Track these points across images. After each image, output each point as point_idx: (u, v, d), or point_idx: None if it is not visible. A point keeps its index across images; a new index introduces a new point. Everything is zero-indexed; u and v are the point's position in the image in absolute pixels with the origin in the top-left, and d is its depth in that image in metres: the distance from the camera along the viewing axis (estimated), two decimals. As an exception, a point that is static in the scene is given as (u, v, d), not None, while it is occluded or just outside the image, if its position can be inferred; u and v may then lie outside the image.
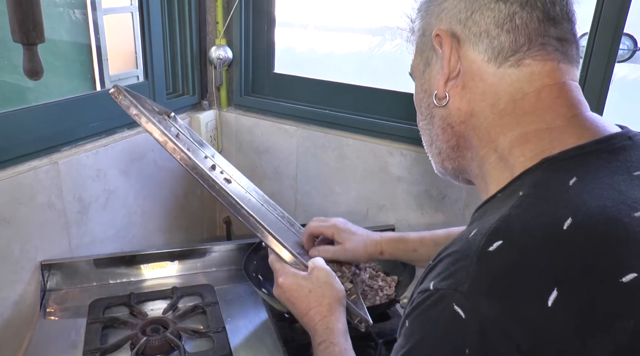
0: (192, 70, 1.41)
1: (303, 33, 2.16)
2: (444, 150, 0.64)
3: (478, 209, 0.58)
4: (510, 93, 0.56)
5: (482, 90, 0.58)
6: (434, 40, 0.60)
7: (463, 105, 0.59)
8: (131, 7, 2.06)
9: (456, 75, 0.59)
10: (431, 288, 0.48)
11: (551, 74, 0.56)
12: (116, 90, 0.90)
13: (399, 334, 0.51)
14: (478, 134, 0.59)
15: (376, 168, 1.33)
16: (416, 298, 0.50)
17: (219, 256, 1.26)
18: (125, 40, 2.09)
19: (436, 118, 0.63)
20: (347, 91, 1.39)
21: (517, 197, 0.50)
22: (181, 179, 1.46)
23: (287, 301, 0.85)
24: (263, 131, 1.46)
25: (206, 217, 1.59)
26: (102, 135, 1.23)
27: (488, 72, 0.57)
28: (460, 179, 0.68)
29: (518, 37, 0.56)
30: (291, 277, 0.85)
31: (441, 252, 0.52)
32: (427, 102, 0.64)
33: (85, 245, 1.22)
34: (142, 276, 1.22)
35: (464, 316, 0.44)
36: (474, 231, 0.49)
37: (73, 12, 1.82)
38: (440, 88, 0.60)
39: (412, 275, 1.07)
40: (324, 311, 0.81)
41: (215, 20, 1.38)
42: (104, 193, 1.24)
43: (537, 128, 0.55)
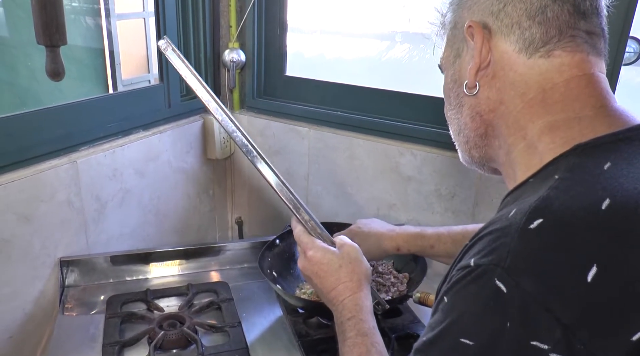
0: (205, 73, 1.44)
1: (312, 38, 2.20)
2: (471, 138, 0.67)
3: (509, 194, 0.60)
4: (539, 82, 0.59)
5: (512, 79, 0.60)
6: (466, 32, 0.62)
7: (492, 94, 0.62)
8: (143, 12, 2.10)
9: (487, 65, 0.61)
10: (472, 264, 0.50)
11: (580, 65, 0.58)
12: (165, 42, 0.88)
13: (435, 311, 0.53)
14: (507, 122, 0.61)
15: (387, 168, 1.35)
16: (455, 275, 0.51)
17: (233, 254, 1.29)
18: (137, 45, 2.12)
19: (465, 107, 0.66)
20: (358, 93, 1.42)
21: (553, 180, 0.52)
22: (194, 180, 1.48)
23: (314, 275, 0.85)
24: (275, 133, 1.49)
25: (218, 217, 1.61)
26: (118, 136, 1.26)
27: (519, 62, 0.60)
28: (486, 168, 0.70)
29: (549, 29, 0.58)
30: (321, 251, 0.85)
31: (479, 231, 0.53)
32: (457, 92, 0.67)
33: (101, 242, 1.25)
34: (157, 273, 1.24)
35: (505, 291, 0.46)
36: (513, 211, 0.51)
37: (87, 18, 1.86)
38: (471, 77, 0.63)
39: (423, 271, 1.08)
40: (354, 286, 0.82)
41: (229, 24, 1.41)
42: (120, 192, 1.26)
43: (566, 117, 0.57)
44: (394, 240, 1.02)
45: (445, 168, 1.27)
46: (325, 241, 0.88)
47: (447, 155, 1.26)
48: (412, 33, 2.28)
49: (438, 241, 1.00)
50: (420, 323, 1.07)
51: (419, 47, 2.36)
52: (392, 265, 1.18)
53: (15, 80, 1.59)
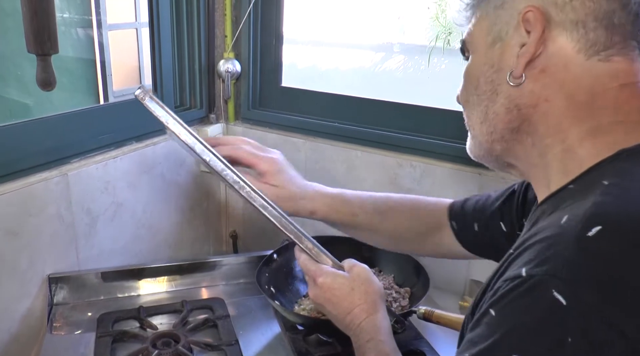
0: (200, 84, 1.41)
1: (305, 49, 2.18)
2: (499, 130, 0.62)
3: (546, 201, 0.57)
4: (591, 86, 0.56)
5: (563, 78, 0.57)
6: (522, 17, 0.57)
7: (538, 88, 0.58)
8: (136, 23, 2.07)
9: (537, 56, 0.57)
10: (523, 274, 0.46)
11: (635, 74, 0.56)
12: (142, 91, 0.85)
13: (476, 324, 0.50)
14: (547, 122, 0.58)
15: (385, 180, 1.32)
16: (503, 286, 0.48)
17: (229, 269, 1.25)
18: (129, 56, 2.09)
19: (501, 96, 0.60)
20: (355, 104, 1.40)
21: (601, 186, 0.49)
22: (188, 193, 1.45)
23: (327, 301, 0.82)
24: (271, 144, 1.44)
25: (212, 231, 1.58)
26: (111, 147, 1.22)
27: (575, 62, 0.56)
28: (500, 163, 0.66)
29: (614, 36, 0.56)
30: (331, 276, 0.82)
31: (526, 239, 0.50)
32: (492, 78, 0.61)
33: (92, 258, 1.21)
34: (150, 289, 1.20)
35: (564, 303, 0.43)
36: (565, 217, 0.48)
37: (79, 28, 1.83)
38: (520, 66, 0.58)
39: (426, 286, 1.06)
40: (370, 308, 0.79)
41: (224, 34, 1.39)
42: (112, 205, 1.23)
43: (609, 122, 0.55)
44: (312, 200, 0.92)
45: (445, 179, 1.25)
46: (332, 266, 0.85)
47: (447, 166, 1.24)
48: (407, 44, 2.28)
49: (361, 209, 0.94)
50: (423, 339, 1.04)
51: (413, 59, 2.36)
52: (393, 280, 1.15)
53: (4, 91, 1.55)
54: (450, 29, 2.06)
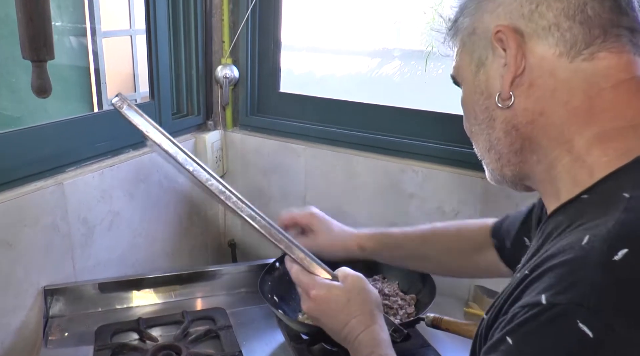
0: (197, 90, 1.39)
1: (301, 56, 2.17)
2: (505, 155, 0.60)
3: (556, 212, 0.54)
4: (584, 89, 0.53)
5: (553, 87, 0.54)
6: (494, 38, 0.56)
7: (530, 104, 0.55)
8: (130, 30, 2.05)
9: (521, 73, 0.55)
10: (544, 302, 0.43)
11: (628, 68, 0.53)
12: (120, 99, 0.81)
13: (491, 350, 0.46)
14: (549, 135, 0.55)
15: (387, 185, 1.31)
16: (521, 313, 0.45)
17: (230, 278, 1.23)
18: (123, 63, 2.07)
19: (498, 121, 0.59)
20: (355, 109, 1.38)
21: (622, 199, 0.46)
22: (186, 201, 1.43)
23: (322, 314, 0.79)
24: (270, 151, 1.44)
25: (210, 239, 1.55)
26: (107, 155, 1.20)
27: (560, 67, 0.53)
28: (519, 186, 0.64)
29: (592, 29, 0.53)
30: (325, 288, 0.79)
31: (544, 260, 0.47)
32: (485, 105, 0.60)
33: (89, 269, 1.18)
34: (149, 300, 1.17)
35: (591, 335, 0.40)
36: (585, 238, 0.45)
37: (73, 35, 1.81)
38: (506, 88, 0.56)
39: (432, 292, 1.04)
40: (367, 320, 0.76)
41: (222, 40, 1.37)
42: (109, 214, 1.20)
43: (617, 126, 0.52)
44: (359, 237, 0.95)
45: (448, 184, 1.23)
46: (326, 276, 0.82)
47: (450, 170, 1.22)
48: (404, 49, 2.27)
49: (406, 239, 0.94)
50: (430, 347, 1.01)
51: (410, 64, 2.35)
52: (398, 286, 1.13)
53: (-4, 99, 1.53)
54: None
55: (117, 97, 0.81)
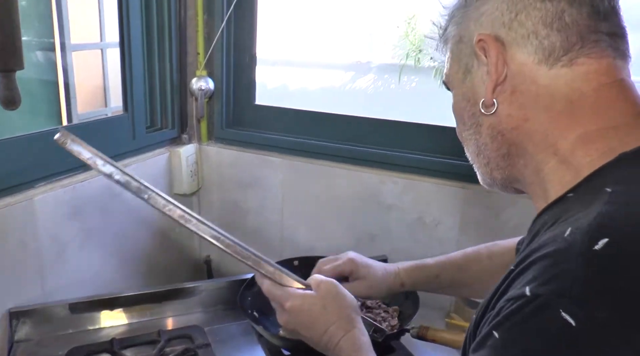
0: (172, 103, 1.36)
1: (275, 70, 2.16)
2: (492, 159, 0.62)
3: (544, 212, 0.55)
4: (566, 94, 0.54)
5: (535, 93, 0.56)
6: (476, 46, 0.58)
7: (514, 110, 0.57)
8: (101, 43, 2.01)
9: (503, 80, 0.57)
10: (527, 293, 0.43)
11: (608, 72, 0.55)
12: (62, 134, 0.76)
13: (479, 346, 0.46)
14: (533, 139, 0.57)
15: (366, 197, 1.29)
16: (507, 307, 0.45)
17: (207, 295, 1.19)
18: (94, 77, 2.03)
19: (484, 126, 0.61)
20: (332, 120, 1.37)
21: (604, 193, 0.47)
22: (161, 216, 1.38)
23: (300, 325, 0.77)
24: (246, 164, 1.42)
25: (185, 256, 1.51)
26: (79, 170, 1.16)
27: (540, 74, 0.55)
28: (509, 189, 0.66)
29: (569, 36, 0.54)
30: (299, 298, 0.77)
31: (528, 254, 0.47)
32: (472, 111, 0.62)
33: (60, 289, 1.13)
34: (123, 320, 1.13)
35: (574, 324, 0.40)
36: (567, 230, 0.45)
37: (41, 49, 1.76)
38: (488, 95, 0.58)
39: (415, 304, 1.02)
40: (346, 325, 0.75)
41: (197, 51, 1.35)
42: (81, 232, 1.16)
43: (600, 128, 0.53)
44: (399, 276, 0.95)
45: (428, 195, 1.22)
46: (298, 286, 0.80)
47: (430, 181, 1.22)
48: (377, 63, 2.29)
49: (442, 269, 0.95)
50: (415, 360, 1.00)
51: (383, 78, 2.37)
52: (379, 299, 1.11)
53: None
54: (420, 47, 2.07)
55: (60, 133, 0.77)
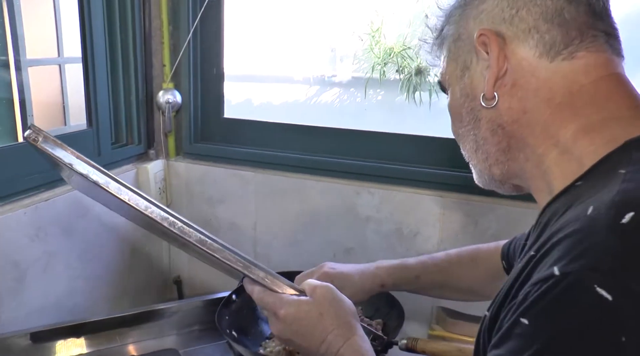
0: (137, 117, 1.31)
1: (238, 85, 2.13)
2: (492, 154, 0.62)
3: (554, 201, 0.54)
4: (566, 86, 0.56)
5: (535, 86, 0.57)
6: (477, 41, 0.59)
7: (514, 103, 0.58)
8: (59, 58, 1.93)
9: (503, 74, 0.58)
10: (556, 273, 0.42)
11: (606, 65, 0.56)
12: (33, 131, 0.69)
13: (504, 337, 0.44)
14: (534, 132, 0.57)
15: (342, 209, 1.27)
16: (534, 291, 0.43)
17: (180, 316, 1.13)
18: (50, 94, 1.94)
19: (483, 121, 0.62)
20: (305, 132, 1.35)
21: (618, 175, 0.48)
22: (128, 237, 1.32)
23: (295, 334, 0.72)
24: (216, 179, 1.37)
25: (154, 277, 1.45)
26: (41, 189, 1.09)
27: (540, 67, 0.56)
28: (507, 186, 0.66)
29: (569, 31, 0.56)
30: (294, 305, 0.72)
31: (548, 237, 0.47)
32: (470, 106, 0.63)
33: (19, 318, 1.06)
34: (92, 347, 1.06)
35: (610, 298, 0.39)
36: (589, 208, 0.45)
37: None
38: (489, 88, 0.59)
39: (400, 316, 0.99)
40: (345, 332, 0.71)
41: (162, 63, 1.31)
42: (43, 255, 1.09)
43: (601, 118, 0.54)
44: (377, 277, 0.93)
45: (406, 205, 1.21)
46: (292, 292, 0.75)
47: (408, 191, 1.20)
48: (342, 77, 2.28)
49: (424, 270, 0.93)
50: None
51: (349, 91, 2.36)
52: (362, 312, 1.08)
53: None
54: (385, 60, 2.07)
55: (30, 129, 0.70)
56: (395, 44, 2.04)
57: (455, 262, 0.95)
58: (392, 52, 2.05)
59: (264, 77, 2.35)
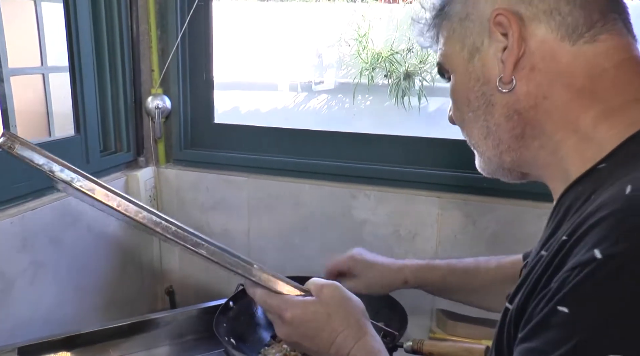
0: (126, 124, 1.28)
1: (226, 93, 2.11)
2: (505, 140, 0.59)
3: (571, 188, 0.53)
4: (587, 70, 0.53)
5: (556, 70, 0.54)
6: (492, 22, 0.56)
7: (532, 88, 0.55)
8: (42, 67, 1.89)
9: (521, 56, 0.55)
10: (598, 256, 0.39)
11: (627, 48, 0.55)
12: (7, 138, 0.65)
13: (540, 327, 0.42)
14: (552, 118, 0.55)
15: (338, 213, 1.25)
16: (572, 276, 0.41)
17: (175, 326, 1.10)
18: (34, 103, 1.90)
19: (498, 106, 0.58)
20: (297, 136, 1.33)
21: None
22: (118, 246, 1.29)
23: (303, 337, 0.69)
24: (208, 186, 1.34)
25: (146, 288, 1.41)
26: (28, 198, 1.06)
27: (562, 50, 0.54)
28: (514, 174, 0.63)
29: (592, 13, 0.54)
30: (300, 306, 0.69)
31: (583, 220, 0.44)
32: (481, 91, 0.59)
33: (5, 331, 1.02)
34: (84, 360, 1.02)
35: None
36: (627, 188, 0.43)
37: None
38: (508, 71, 0.55)
39: (403, 319, 0.97)
40: (356, 332, 0.68)
41: (151, 68, 1.28)
42: (31, 266, 1.05)
43: (622, 101, 0.52)
44: (401, 272, 0.92)
45: (403, 206, 1.19)
46: (297, 294, 0.72)
47: (404, 192, 1.19)
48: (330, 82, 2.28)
49: (450, 271, 0.92)
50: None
51: (337, 97, 2.36)
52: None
53: None
54: (373, 65, 2.07)
55: (4, 136, 0.65)
56: (383, 49, 2.05)
57: (482, 266, 0.92)
58: (380, 57, 2.05)
59: (251, 84, 2.34)
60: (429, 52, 1.99)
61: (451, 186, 1.16)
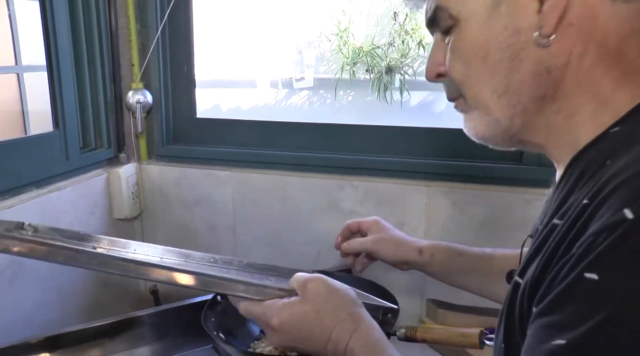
0: (106, 119, 1.25)
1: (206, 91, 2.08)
2: (522, 101, 0.53)
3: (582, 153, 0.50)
4: (619, 30, 0.50)
5: (593, 27, 0.50)
6: None
7: (568, 45, 0.50)
8: (16, 67, 1.84)
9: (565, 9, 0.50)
10: (630, 216, 0.36)
11: None
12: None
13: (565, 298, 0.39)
14: (578, 79, 0.51)
15: (325, 205, 1.24)
16: (600, 240, 0.37)
17: (162, 322, 1.07)
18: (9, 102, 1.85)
19: (527, 61, 0.52)
20: (281, 129, 1.31)
21: None
22: (100, 245, 1.25)
23: (296, 340, 0.67)
24: (192, 182, 1.32)
25: (130, 288, 1.38)
26: (5, 196, 1.02)
27: (602, 8, 0.49)
28: (514, 141, 0.58)
29: None
30: (286, 310, 0.67)
31: (605, 183, 0.41)
32: (508, 42, 0.52)
33: (-15, 334, 0.98)
34: (67, 362, 0.99)
35: None
36: None
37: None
38: (552, 24, 0.49)
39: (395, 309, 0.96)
40: (349, 325, 0.65)
41: (131, 62, 1.25)
42: (10, 266, 1.01)
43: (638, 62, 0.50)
44: (418, 243, 0.93)
45: (390, 196, 1.18)
46: (280, 295, 0.70)
47: (392, 182, 1.18)
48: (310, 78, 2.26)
49: (467, 250, 0.92)
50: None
51: (318, 93, 2.34)
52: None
53: None
54: (354, 60, 2.06)
55: None
56: (364, 44, 2.03)
57: (500, 254, 0.90)
58: (361, 51, 2.04)
59: (231, 82, 2.31)
60: (410, 46, 1.98)
61: (439, 174, 1.16)
